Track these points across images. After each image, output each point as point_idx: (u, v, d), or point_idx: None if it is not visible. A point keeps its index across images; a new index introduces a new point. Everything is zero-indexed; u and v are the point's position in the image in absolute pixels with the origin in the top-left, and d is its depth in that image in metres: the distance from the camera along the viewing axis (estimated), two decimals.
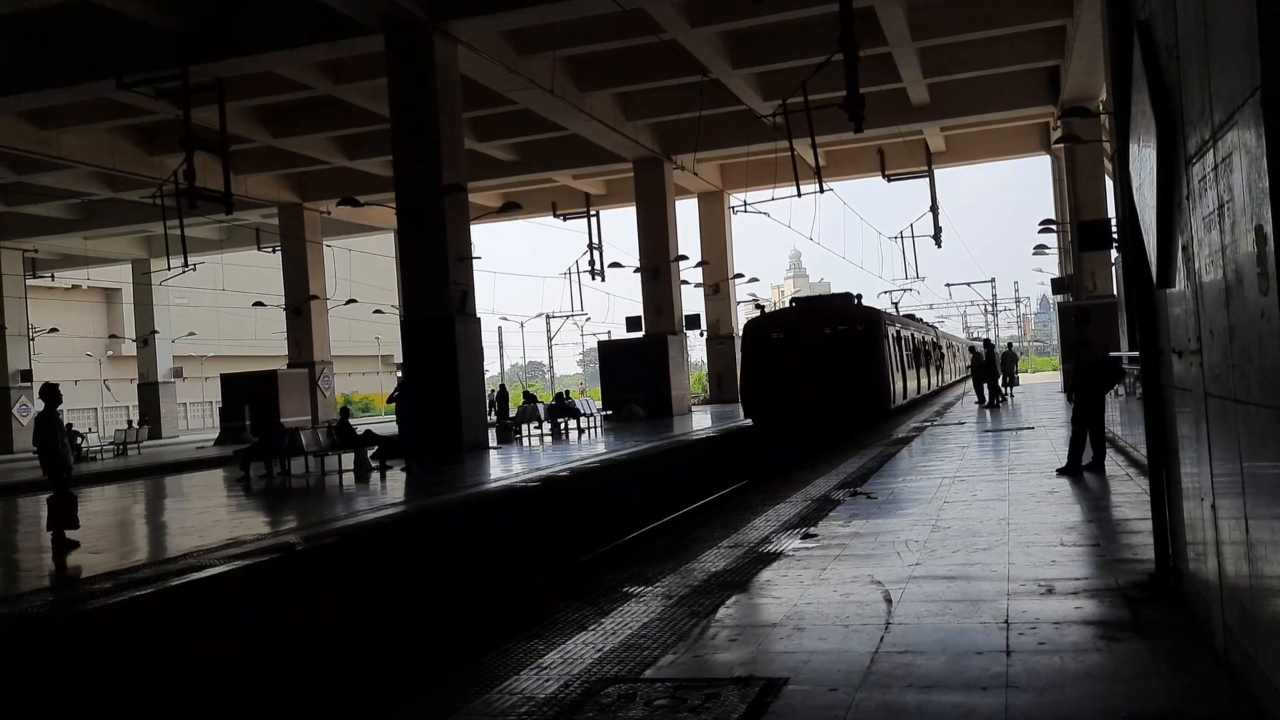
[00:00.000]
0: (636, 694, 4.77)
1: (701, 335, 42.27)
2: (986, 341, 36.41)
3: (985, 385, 29.06)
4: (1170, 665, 4.72)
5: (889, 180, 37.09)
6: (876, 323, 24.57)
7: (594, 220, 40.64)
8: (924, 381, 32.13)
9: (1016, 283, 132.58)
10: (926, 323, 40.47)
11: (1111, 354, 15.38)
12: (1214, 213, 3.90)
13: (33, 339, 43.04)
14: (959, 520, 9.14)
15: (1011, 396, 31.44)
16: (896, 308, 46.96)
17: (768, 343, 24.60)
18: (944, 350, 41.10)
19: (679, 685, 4.89)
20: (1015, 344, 67.20)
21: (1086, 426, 11.95)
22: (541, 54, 23.92)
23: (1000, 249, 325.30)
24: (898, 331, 27.13)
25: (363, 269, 47.23)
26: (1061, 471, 11.83)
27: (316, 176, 37.36)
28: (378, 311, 48.36)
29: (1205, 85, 3.96)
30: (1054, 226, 35.24)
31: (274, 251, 40.22)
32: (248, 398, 36.26)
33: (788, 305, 28.60)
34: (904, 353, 27.63)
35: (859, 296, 26.57)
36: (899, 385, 26.26)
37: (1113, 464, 12.63)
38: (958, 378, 47.27)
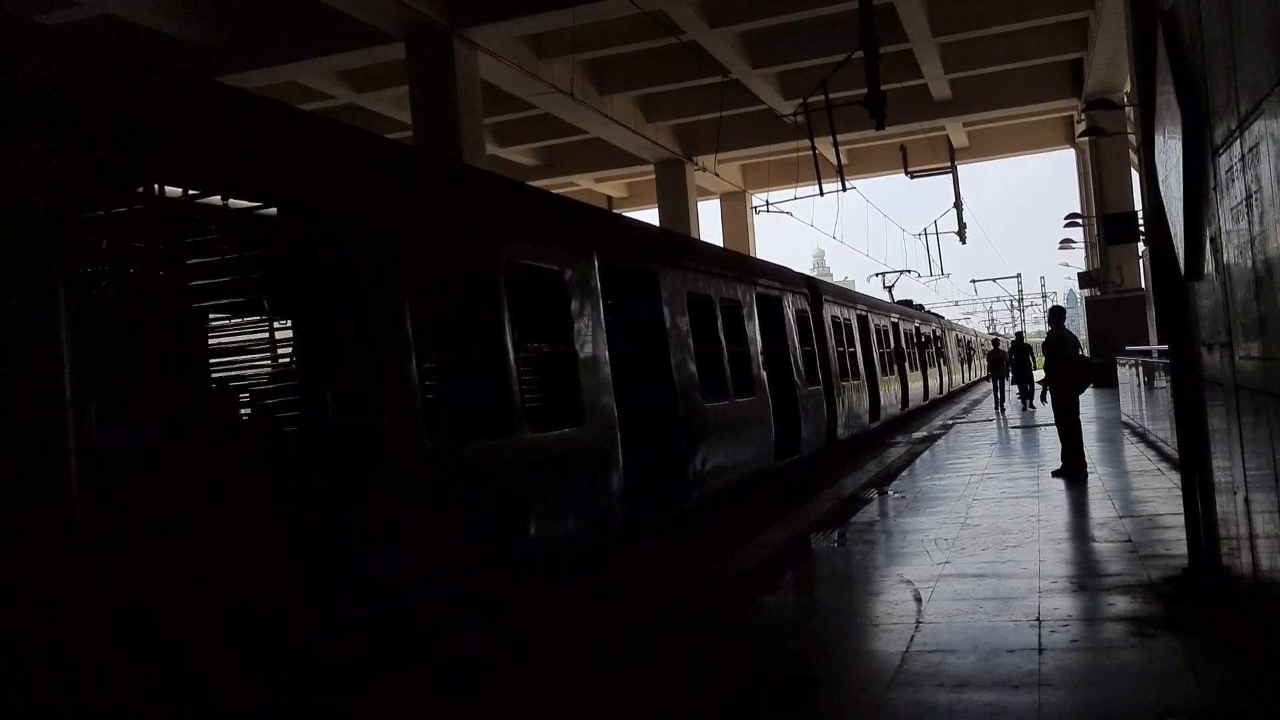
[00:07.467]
0: None
1: None
2: (995, 341, 35.49)
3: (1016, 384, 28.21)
4: (1205, 661, 4.67)
5: (912, 177, 36.88)
6: None
7: None
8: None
9: (1043, 277, 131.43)
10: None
11: (1082, 354, 14.51)
12: (1242, 203, 3.86)
13: None
14: (988, 518, 9.08)
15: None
16: (890, 292, 35.53)
17: None
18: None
19: None
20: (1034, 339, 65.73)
21: (1069, 424, 11.60)
22: (561, 58, 23.98)
23: (1026, 244, 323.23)
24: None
25: None
26: (1057, 473, 11.52)
27: None
28: None
29: (1231, 75, 3.92)
30: (1080, 220, 34.92)
31: None
32: None
33: None
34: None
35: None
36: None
37: (1143, 459, 12.52)
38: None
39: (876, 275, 36.58)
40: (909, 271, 38.07)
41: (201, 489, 4.15)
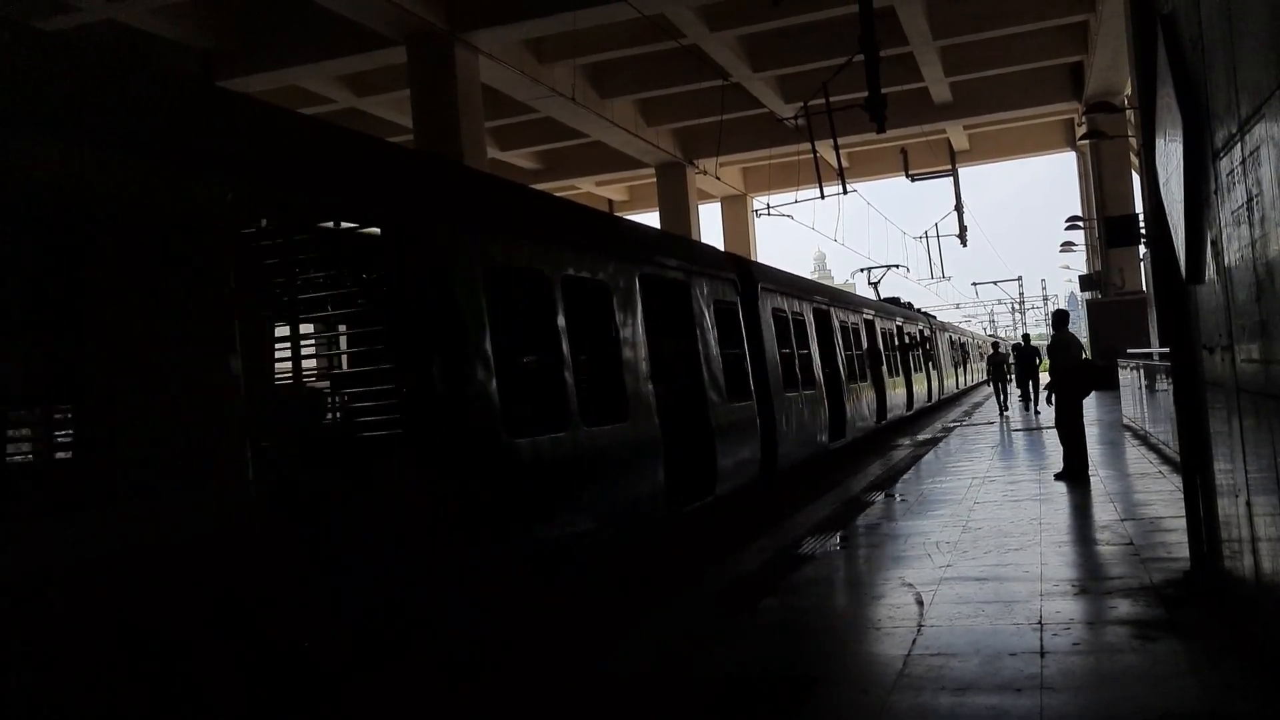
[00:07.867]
0: None
1: None
2: (995, 344, 35.22)
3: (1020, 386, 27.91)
4: (1207, 664, 4.67)
5: (912, 180, 36.90)
6: None
7: None
8: None
9: (1044, 280, 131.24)
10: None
11: (1086, 358, 14.41)
12: (1243, 207, 3.86)
13: None
14: (990, 521, 9.07)
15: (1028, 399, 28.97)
16: (876, 289, 32.89)
17: None
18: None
19: None
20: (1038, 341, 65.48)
21: (1071, 427, 11.57)
22: (562, 61, 24.03)
23: (1027, 247, 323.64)
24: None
25: None
26: (1059, 476, 11.49)
27: None
28: None
29: (1231, 78, 3.92)
30: (1081, 223, 34.94)
31: None
32: None
33: None
34: None
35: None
36: None
37: (1145, 461, 12.52)
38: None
39: (861, 271, 33.06)
40: (897, 266, 35.32)
41: None
